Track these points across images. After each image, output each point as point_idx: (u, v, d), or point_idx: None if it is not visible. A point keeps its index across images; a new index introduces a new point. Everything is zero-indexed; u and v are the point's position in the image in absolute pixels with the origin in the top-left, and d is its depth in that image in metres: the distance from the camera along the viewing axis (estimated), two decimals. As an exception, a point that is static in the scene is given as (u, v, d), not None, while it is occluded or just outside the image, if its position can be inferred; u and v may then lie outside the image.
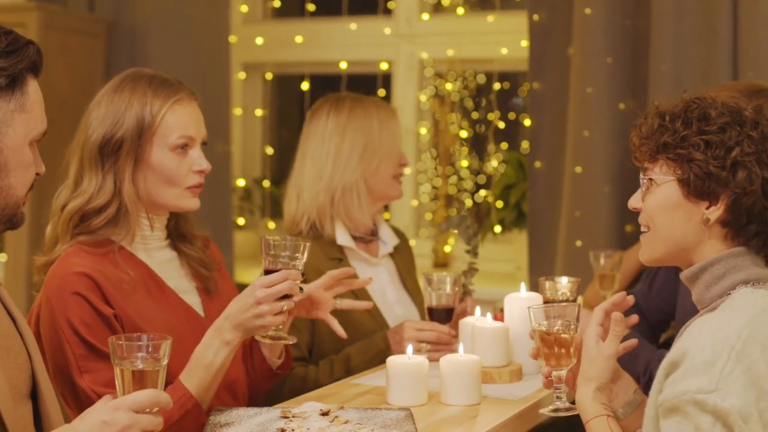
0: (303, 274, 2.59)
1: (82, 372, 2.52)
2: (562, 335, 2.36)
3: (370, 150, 3.39)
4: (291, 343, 2.64)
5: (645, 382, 2.78)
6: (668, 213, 2.16)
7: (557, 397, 2.42)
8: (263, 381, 2.94)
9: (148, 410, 2.01)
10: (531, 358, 2.45)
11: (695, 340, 1.99)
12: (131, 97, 2.69)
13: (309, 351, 3.26)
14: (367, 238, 3.47)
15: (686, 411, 1.94)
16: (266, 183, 5.77)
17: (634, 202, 2.26)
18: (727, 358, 1.93)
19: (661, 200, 2.17)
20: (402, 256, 3.63)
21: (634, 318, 2.77)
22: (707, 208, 2.11)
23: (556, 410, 2.42)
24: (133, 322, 2.59)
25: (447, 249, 5.31)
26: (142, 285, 2.68)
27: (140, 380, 2.04)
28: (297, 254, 2.58)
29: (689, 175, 2.11)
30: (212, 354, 2.53)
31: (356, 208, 3.38)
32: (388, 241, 3.54)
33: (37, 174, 2.17)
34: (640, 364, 2.90)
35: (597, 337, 2.30)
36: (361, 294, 3.30)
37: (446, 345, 3.15)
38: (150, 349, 2.05)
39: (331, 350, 3.26)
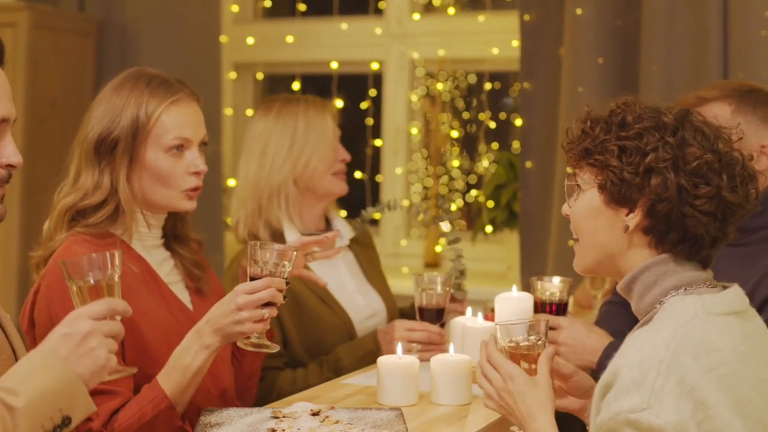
0: (288, 282, 2.56)
1: None
2: (528, 352, 2.31)
3: (296, 150, 3.37)
4: (273, 351, 2.62)
5: None
6: (592, 220, 2.15)
7: None
8: (250, 381, 2.94)
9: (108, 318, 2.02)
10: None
11: (625, 359, 1.96)
12: (129, 96, 2.69)
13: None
14: (319, 234, 3.34)
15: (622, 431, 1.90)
16: (257, 183, 5.75)
17: (564, 209, 2.25)
18: (657, 373, 1.89)
19: (585, 207, 2.16)
20: (363, 249, 3.64)
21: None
22: (626, 215, 2.09)
23: None
24: (130, 317, 2.58)
25: (438, 249, 5.31)
26: (141, 280, 2.68)
27: (96, 294, 2.08)
28: (284, 261, 2.55)
29: (607, 182, 2.09)
30: (191, 357, 2.51)
31: (285, 210, 3.36)
32: (344, 234, 3.52)
33: (10, 165, 2.14)
34: None
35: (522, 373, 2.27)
36: (318, 287, 3.27)
37: (437, 345, 3.15)
38: (101, 264, 2.09)
39: (303, 353, 3.26)
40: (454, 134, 5.43)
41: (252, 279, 2.54)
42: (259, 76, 5.85)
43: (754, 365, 2.00)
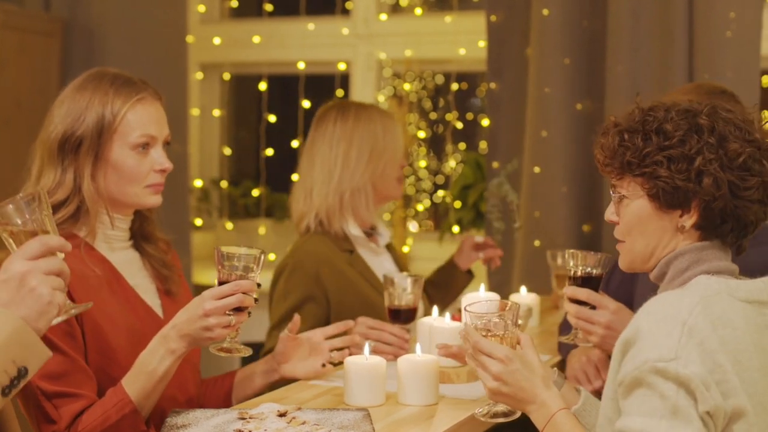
0: (259, 285, 2.54)
1: None
2: (498, 334, 2.33)
3: (376, 154, 3.57)
4: (246, 355, 2.61)
5: None
6: (643, 225, 2.18)
7: (495, 403, 2.39)
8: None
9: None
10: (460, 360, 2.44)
11: (649, 316, 2.01)
12: (93, 95, 2.68)
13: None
14: (369, 232, 3.64)
15: (649, 381, 1.95)
16: (224, 183, 5.75)
17: (609, 215, 2.27)
18: (680, 332, 1.95)
19: (635, 214, 2.18)
20: (394, 250, 3.86)
21: None
22: (681, 216, 2.14)
23: (494, 414, 2.39)
24: (93, 320, 2.57)
25: (405, 249, 5.31)
26: (106, 282, 2.66)
27: (29, 237, 1.97)
28: (252, 265, 2.52)
29: (658, 191, 2.13)
30: (156, 361, 2.49)
31: (364, 207, 3.57)
32: (384, 234, 3.73)
33: None
34: None
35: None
36: (376, 282, 3.49)
37: (391, 345, 3.15)
38: (27, 204, 1.98)
39: None
40: (421, 135, 5.43)
41: (220, 284, 2.51)
42: (226, 76, 5.84)
43: (763, 354, 2.06)
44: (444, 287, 4.06)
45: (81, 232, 2.69)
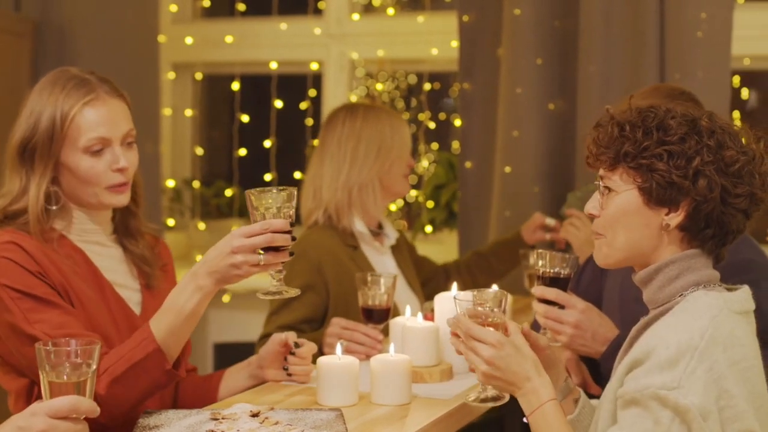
0: (292, 224, 2.47)
1: (32, 322, 2.49)
2: (489, 320, 2.35)
3: (383, 151, 3.68)
4: (294, 295, 2.54)
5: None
6: (627, 220, 2.19)
7: (483, 387, 2.40)
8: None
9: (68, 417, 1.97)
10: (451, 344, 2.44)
11: (661, 340, 2.04)
12: (48, 99, 2.68)
13: None
14: (375, 231, 3.72)
15: (647, 404, 2.00)
16: (196, 183, 5.73)
17: (591, 208, 2.27)
18: (690, 358, 1.99)
19: (621, 208, 2.19)
20: (400, 252, 3.86)
21: None
22: (667, 215, 2.16)
23: (484, 399, 2.40)
24: (68, 295, 2.57)
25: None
26: (80, 274, 2.66)
27: (65, 389, 1.99)
28: (286, 204, 2.46)
29: (651, 184, 2.14)
30: (185, 298, 2.47)
31: (371, 203, 3.67)
32: (390, 235, 3.79)
33: None
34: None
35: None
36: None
37: (363, 345, 3.15)
38: (77, 356, 2.00)
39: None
40: (394, 135, 5.42)
41: None
42: (198, 76, 5.82)
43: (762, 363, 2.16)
44: (508, 259, 4.17)
45: (59, 224, 2.70)
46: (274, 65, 5.43)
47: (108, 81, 2.75)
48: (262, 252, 2.42)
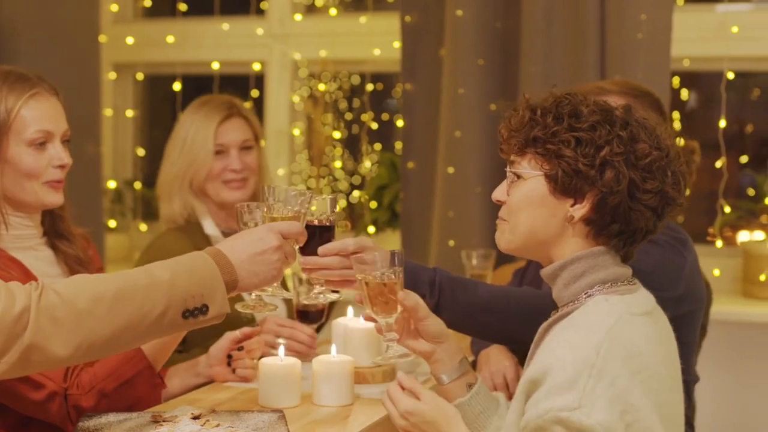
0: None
1: None
2: (386, 281, 2.34)
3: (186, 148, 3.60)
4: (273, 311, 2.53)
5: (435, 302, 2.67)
6: (532, 208, 2.15)
7: (388, 346, 2.39)
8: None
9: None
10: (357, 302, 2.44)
11: (556, 359, 1.98)
12: None
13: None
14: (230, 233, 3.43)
15: (551, 430, 1.93)
16: (138, 185, 5.70)
17: (498, 194, 2.23)
18: (588, 376, 1.93)
19: (526, 195, 2.15)
20: None
21: None
22: (572, 206, 2.11)
23: (389, 358, 2.40)
24: None
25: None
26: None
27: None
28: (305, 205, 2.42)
29: (557, 171, 2.09)
30: None
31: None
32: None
33: None
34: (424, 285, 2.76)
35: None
36: None
37: (301, 344, 3.13)
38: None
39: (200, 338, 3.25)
40: (337, 135, 5.43)
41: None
42: (140, 76, 5.78)
43: (670, 366, 2.10)
44: None
45: None
46: (216, 65, 5.40)
47: (45, 79, 2.74)
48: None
